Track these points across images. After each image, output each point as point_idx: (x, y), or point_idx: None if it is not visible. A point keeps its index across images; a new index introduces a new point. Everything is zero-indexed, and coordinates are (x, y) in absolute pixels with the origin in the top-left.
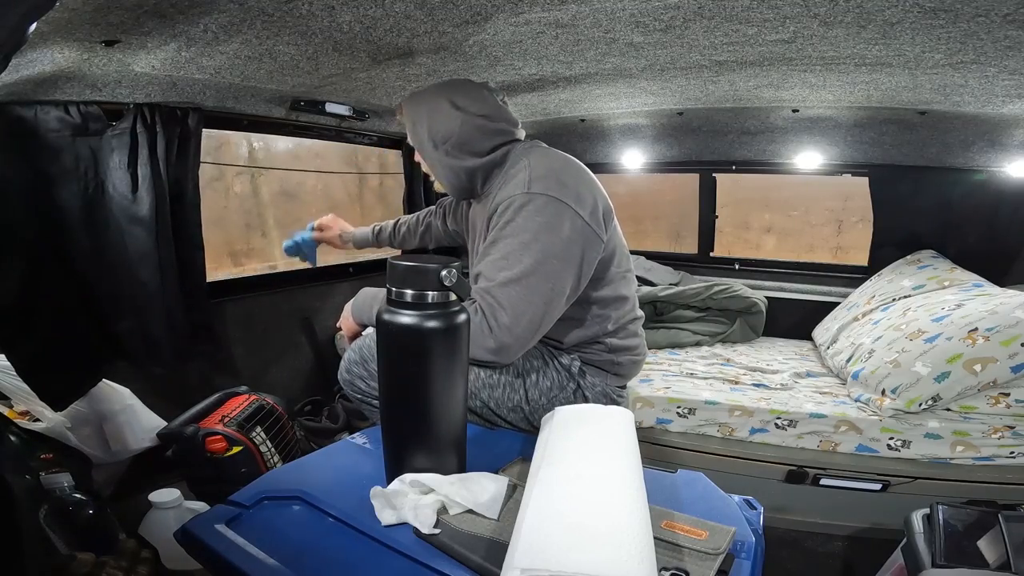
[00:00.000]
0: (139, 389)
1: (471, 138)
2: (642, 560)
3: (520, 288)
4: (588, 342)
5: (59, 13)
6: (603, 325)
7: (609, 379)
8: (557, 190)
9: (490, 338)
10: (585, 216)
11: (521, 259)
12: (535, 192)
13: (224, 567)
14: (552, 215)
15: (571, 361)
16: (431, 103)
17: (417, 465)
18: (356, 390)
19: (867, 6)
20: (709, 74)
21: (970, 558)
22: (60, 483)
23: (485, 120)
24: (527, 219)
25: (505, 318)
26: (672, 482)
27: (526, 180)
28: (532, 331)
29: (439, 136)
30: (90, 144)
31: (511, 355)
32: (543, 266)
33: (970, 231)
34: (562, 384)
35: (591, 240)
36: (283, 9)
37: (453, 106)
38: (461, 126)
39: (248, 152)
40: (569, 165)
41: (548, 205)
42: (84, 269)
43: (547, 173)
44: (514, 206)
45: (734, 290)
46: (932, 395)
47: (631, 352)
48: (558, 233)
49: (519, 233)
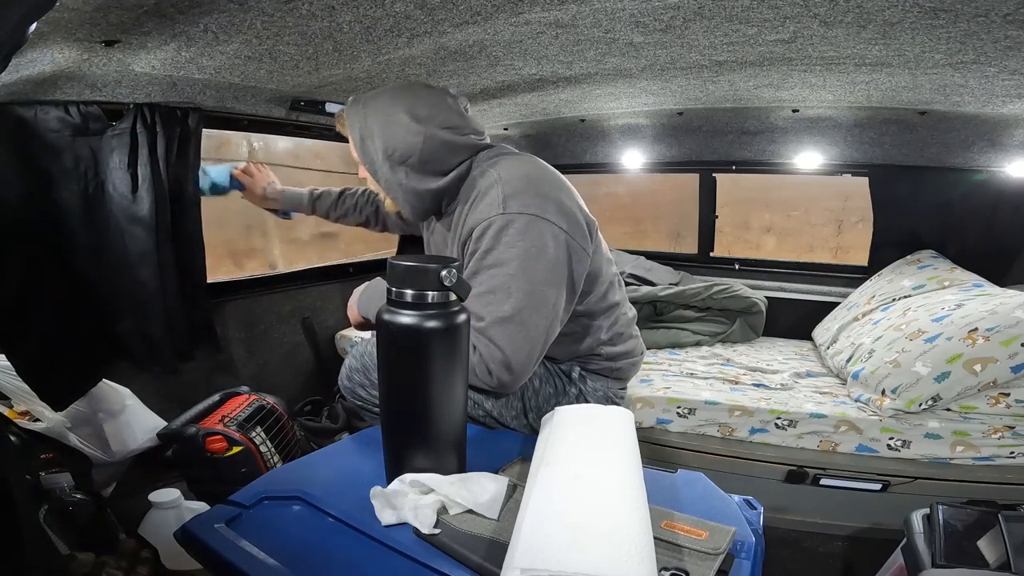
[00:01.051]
0: (139, 389)
1: (436, 155)
2: (642, 560)
3: (515, 326)
4: (585, 355)
5: (59, 13)
6: (596, 336)
7: (610, 383)
8: (536, 206)
9: (491, 379)
10: (568, 230)
11: (511, 294)
12: (512, 212)
13: (224, 567)
14: (535, 237)
15: (571, 368)
16: (385, 114)
17: (417, 465)
18: (357, 397)
19: (867, 6)
20: (709, 74)
21: (970, 558)
22: (60, 483)
23: (452, 133)
24: (508, 245)
25: (503, 357)
26: (672, 482)
27: (499, 199)
28: (532, 362)
29: (397, 154)
30: (90, 144)
31: (514, 387)
32: (534, 297)
33: (970, 231)
34: (564, 390)
35: (577, 254)
36: (283, 9)
37: (413, 118)
38: (425, 142)
39: (248, 152)
40: (544, 174)
41: (529, 226)
42: (84, 269)
43: (522, 187)
44: (491, 231)
45: (734, 290)
46: (932, 395)
47: (629, 356)
48: (543, 256)
49: (503, 264)
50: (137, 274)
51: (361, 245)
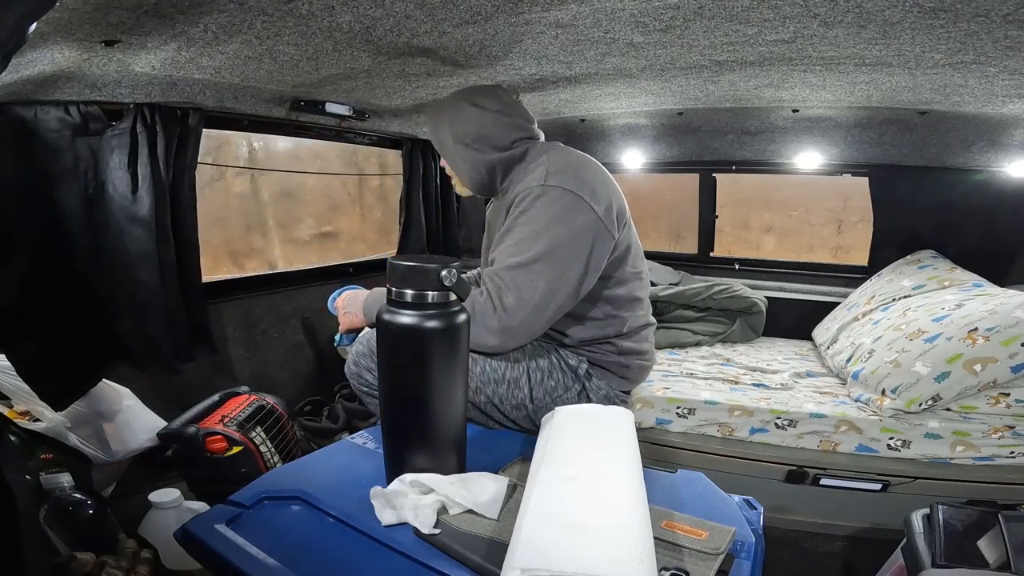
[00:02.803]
0: (139, 389)
1: (490, 132)
2: (642, 560)
3: (528, 272)
4: (599, 341)
5: (59, 13)
6: (617, 327)
7: (615, 382)
8: (573, 184)
9: (494, 318)
10: (599, 212)
11: (532, 246)
12: (551, 185)
13: (224, 567)
14: (566, 207)
15: (579, 363)
16: (452, 106)
17: (417, 465)
18: (363, 382)
19: (867, 6)
20: (709, 74)
21: (970, 558)
22: (60, 483)
23: (500, 115)
24: (541, 209)
25: (510, 300)
26: (672, 482)
27: (544, 173)
28: (537, 317)
29: (460, 132)
30: (90, 144)
31: (514, 339)
32: (552, 254)
33: (970, 231)
34: (567, 385)
35: (602, 234)
36: (283, 9)
37: (472, 104)
38: (480, 121)
39: (248, 152)
40: (588, 163)
41: (563, 197)
42: (84, 269)
43: (565, 168)
44: (531, 197)
45: (734, 290)
46: (932, 395)
47: (641, 356)
48: (570, 224)
49: (532, 222)
50: (137, 274)
51: (361, 245)
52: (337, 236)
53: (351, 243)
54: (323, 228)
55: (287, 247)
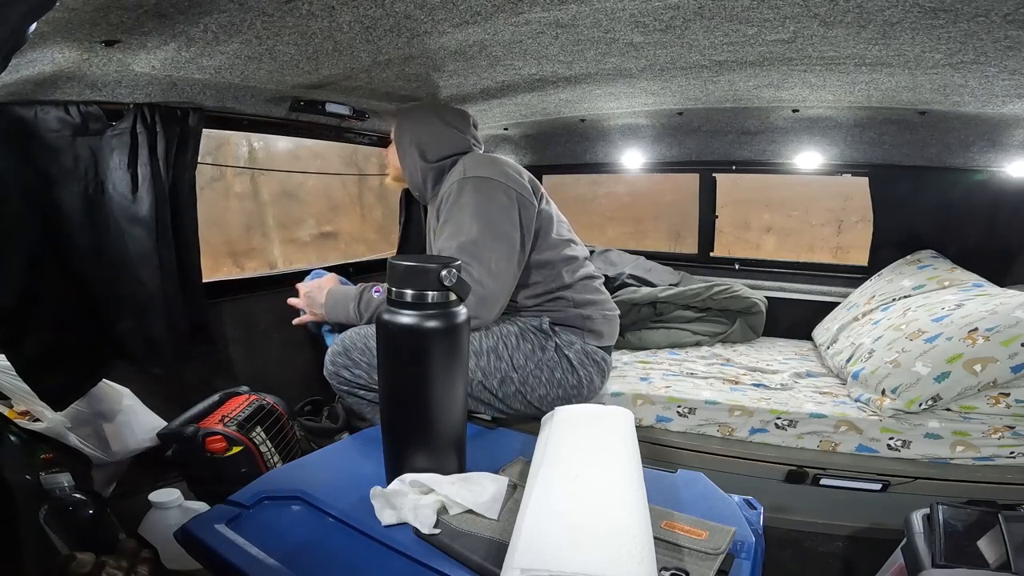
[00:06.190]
0: (139, 389)
1: (440, 146)
2: (642, 560)
3: (477, 247)
4: (549, 298)
5: (59, 13)
6: (559, 280)
7: (587, 336)
8: (488, 172)
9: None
10: (515, 187)
11: (472, 225)
12: (470, 176)
13: (224, 567)
14: (488, 190)
15: (541, 321)
16: (425, 112)
17: (417, 465)
18: (342, 381)
19: (867, 6)
20: (709, 74)
21: (970, 558)
22: (60, 483)
23: (456, 131)
24: (468, 196)
25: (474, 272)
26: (672, 482)
27: (462, 170)
28: (502, 284)
29: (419, 137)
30: (90, 144)
31: (488, 308)
32: (491, 227)
33: (970, 231)
34: (542, 344)
35: (524, 204)
36: (283, 9)
37: (440, 120)
38: (438, 134)
39: (248, 152)
40: (497, 158)
41: (482, 183)
42: (84, 269)
43: (478, 163)
44: (455, 191)
45: (734, 290)
46: (932, 395)
47: (599, 306)
48: (496, 201)
49: (464, 208)
50: (137, 274)
51: (361, 245)
52: (337, 236)
53: (351, 243)
54: (323, 228)
55: (287, 247)
